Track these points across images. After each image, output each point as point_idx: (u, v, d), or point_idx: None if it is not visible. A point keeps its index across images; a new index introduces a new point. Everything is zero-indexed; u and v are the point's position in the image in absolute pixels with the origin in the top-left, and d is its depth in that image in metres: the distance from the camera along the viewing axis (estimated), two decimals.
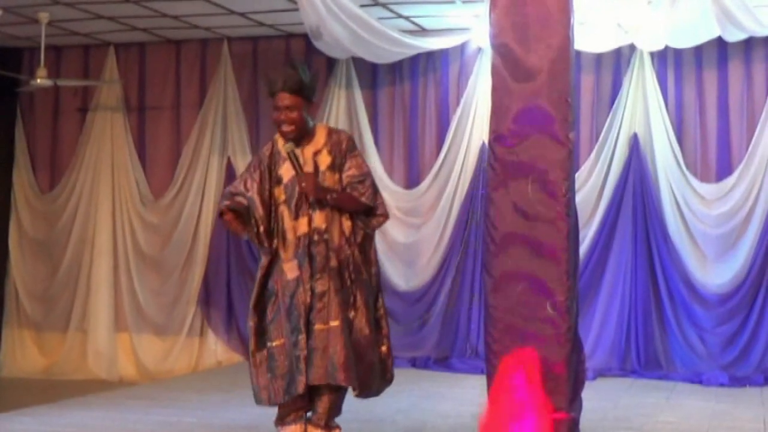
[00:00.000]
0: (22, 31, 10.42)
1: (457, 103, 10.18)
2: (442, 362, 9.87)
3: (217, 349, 10.55)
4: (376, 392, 5.59)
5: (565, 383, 4.82)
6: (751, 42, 9.37)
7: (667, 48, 9.48)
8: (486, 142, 8.94)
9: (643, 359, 9.41)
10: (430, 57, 10.26)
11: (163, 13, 9.73)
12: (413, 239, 10.25)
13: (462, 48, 10.15)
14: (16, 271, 11.27)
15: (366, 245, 5.58)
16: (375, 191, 5.61)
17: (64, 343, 10.99)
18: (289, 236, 5.46)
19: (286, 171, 5.48)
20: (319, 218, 5.43)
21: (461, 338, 9.94)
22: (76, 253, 11.05)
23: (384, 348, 5.60)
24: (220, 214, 5.59)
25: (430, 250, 10.16)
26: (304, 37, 9.80)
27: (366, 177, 5.56)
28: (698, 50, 9.52)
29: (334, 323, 5.35)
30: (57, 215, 11.19)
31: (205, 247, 10.65)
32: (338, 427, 5.59)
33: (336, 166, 5.49)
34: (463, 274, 10.01)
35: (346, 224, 5.51)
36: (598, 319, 9.56)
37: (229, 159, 10.67)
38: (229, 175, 10.51)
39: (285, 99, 5.42)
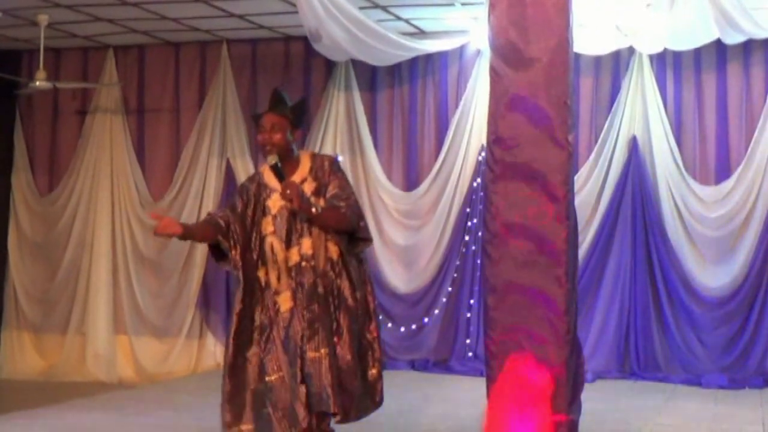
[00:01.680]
0: (21, 34, 10.42)
1: (456, 105, 10.19)
2: (441, 364, 9.88)
3: (215, 351, 10.53)
4: (358, 417, 5.48)
5: (565, 385, 4.82)
6: (749, 44, 9.37)
7: (666, 50, 9.49)
8: (485, 144, 8.96)
9: (642, 361, 9.41)
10: (429, 59, 10.26)
11: (162, 15, 9.73)
12: (412, 241, 10.25)
13: (461, 50, 10.16)
14: (16, 273, 11.27)
15: (354, 270, 5.43)
16: (357, 212, 5.45)
17: (63, 345, 10.99)
18: (282, 267, 5.37)
19: (274, 202, 5.37)
20: (306, 244, 5.33)
21: (460, 340, 9.94)
22: (75, 255, 11.05)
23: (374, 371, 5.54)
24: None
25: (429, 252, 10.16)
26: (304, 39, 9.80)
27: (349, 196, 5.41)
28: (697, 53, 9.52)
29: (324, 350, 5.29)
30: (56, 217, 11.18)
31: (204, 250, 10.59)
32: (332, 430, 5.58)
33: (320, 191, 5.37)
34: (463, 276, 10.02)
35: (333, 249, 5.38)
36: (597, 321, 9.56)
37: (228, 161, 10.67)
38: (228, 177, 10.52)
39: (270, 119, 5.37)
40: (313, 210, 5.21)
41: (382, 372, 5.60)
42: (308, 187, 5.35)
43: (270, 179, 5.36)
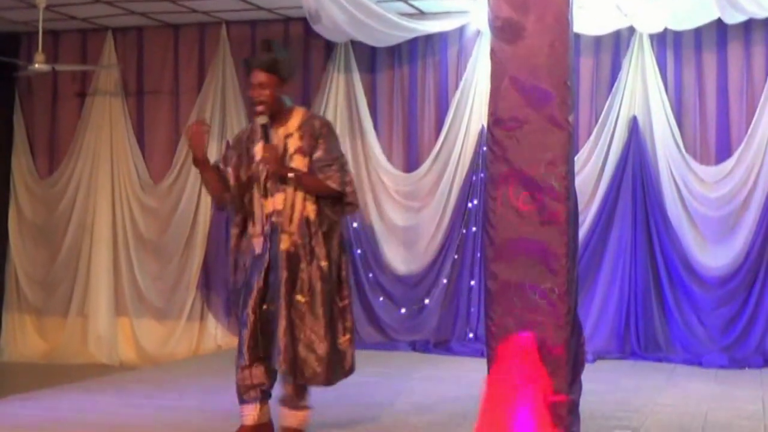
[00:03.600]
0: (20, 16, 10.40)
1: (456, 86, 10.17)
2: (441, 345, 9.88)
3: (217, 333, 10.57)
4: (328, 383, 5.53)
5: (565, 366, 4.82)
6: (750, 24, 9.35)
7: (666, 30, 9.46)
8: (485, 125, 8.95)
9: (642, 341, 9.42)
10: (429, 40, 10.24)
11: None
12: (413, 222, 10.25)
13: (461, 31, 10.13)
14: (16, 256, 11.29)
15: (330, 233, 5.51)
16: (344, 177, 5.53)
17: (64, 328, 11.02)
18: (257, 213, 5.51)
19: (258, 151, 5.52)
20: (279, 199, 5.45)
21: (461, 321, 9.95)
22: (76, 238, 11.07)
23: (345, 339, 5.58)
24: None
25: (429, 234, 10.16)
26: (303, 20, 9.79)
27: (334, 161, 5.49)
28: (698, 32, 9.50)
29: (280, 304, 5.38)
30: (56, 200, 11.19)
31: (205, 232, 10.64)
32: (308, 407, 5.61)
33: (306, 151, 5.46)
34: (463, 257, 10.02)
35: (311, 208, 5.47)
36: (597, 301, 9.57)
37: (227, 143, 10.57)
38: None
39: (258, 76, 5.47)
40: (290, 175, 5.37)
41: (353, 340, 5.65)
42: (293, 143, 5.46)
43: (259, 132, 5.53)
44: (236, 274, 5.62)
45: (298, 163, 5.46)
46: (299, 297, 5.40)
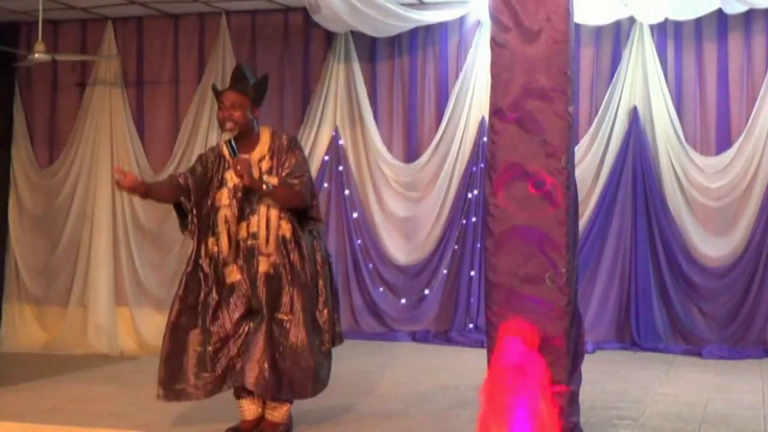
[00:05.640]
0: (20, 6, 10.38)
1: (457, 77, 10.16)
2: (442, 335, 9.90)
3: None
4: (314, 394, 5.56)
5: (565, 356, 4.83)
6: (750, 14, 9.34)
7: (666, 20, 9.45)
8: (485, 115, 8.94)
9: (642, 332, 9.42)
10: (429, 30, 10.23)
11: None
12: (413, 213, 10.25)
13: (461, 21, 10.12)
14: (16, 246, 11.29)
15: (307, 247, 5.49)
16: (310, 191, 5.54)
17: (64, 318, 11.02)
18: (233, 239, 5.47)
19: (231, 176, 5.47)
20: (254, 222, 5.44)
21: (461, 312, 9.96)
22: (76, 227, 11.07)
23: (326, 349, 5.58)
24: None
25: (429, 224, 10.16)
26: (303, 10, 9.77)
27: (303, 173, 5.48)
28: (698, 23, 9.48)
29: (260, 325, 5.38)
30: (56, 190, 11.19)
31: None
32: (289, 401, 5.61)
33: (275, 169, 5.46)
34: (463, 247, 10.02)
35: (286, 227, 5.46)
36: (597, 292, 9.58)
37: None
38: None
39: (230, 97, 5.45)
40: (264, 187, 5.35)
41: (331, 352, 5.64)
42: (266, 165, 5.46)
43: (226, 153, 5.47)
44: (189, 297, 5.55)
45: (271, 181, 5.44)
46: (282, 316, 5.41)
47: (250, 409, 5.63)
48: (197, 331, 5.50)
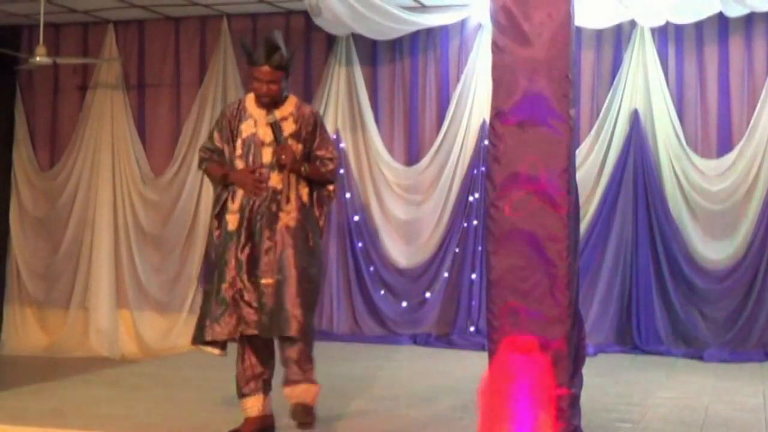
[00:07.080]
0: (21, 9, 10.39)
1: (458, 80, 10.16)
2: (443, 339, 9.90)
3: None
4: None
5: (566, 359, 4.83)
6: (752, 17, 9.34)
7: (667, 24, 9.45)
8: (486, 119, 8.93)
9: (643, 335, 9.42)
10: (430, 33, 10.23)
11: None
12: (414, 216, 10.25)
13: (462, 24, 10.12)
14: (18, 248, 11.28)
15: (320, 214, 5.76)
16: (337, 173, 5.87)
17: (65, 321, 11.02)
18: (240, 189, 5.65)
19: (246, 127, 5.68)
20: (275, 178, 5.59)
21: (462, 315, 9.95)
22: (77, 230, 11.07)
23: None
24: (201, 165, 5.97)
25: (430, 227, 10.16)
26: (304, 13, 9.78)
27: (333, 153, 5.80)
28: (699, 26, 9.49)
29: (280, 277, 5.49)
30: (57, 193, 11.19)
31: (206, 224, 10.63)
32: (317, 382, 5.61)
33: (300, 137, 5.67)
34: (464, 250, 10.02)
35: (304, 191, 5.70)
36: (599, 295, 9.57)
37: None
38: None
39: (269, 74, 5.63)
40: (302, 170, 5.63)
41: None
42: (288, 127, 5.67)
43: (254, 110, 5.69)
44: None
45: (292, 146, 5.63)
46: (307, 267, 5.56)
47: (255, 406, 5.64)
48: (224, 284, 5.60)
